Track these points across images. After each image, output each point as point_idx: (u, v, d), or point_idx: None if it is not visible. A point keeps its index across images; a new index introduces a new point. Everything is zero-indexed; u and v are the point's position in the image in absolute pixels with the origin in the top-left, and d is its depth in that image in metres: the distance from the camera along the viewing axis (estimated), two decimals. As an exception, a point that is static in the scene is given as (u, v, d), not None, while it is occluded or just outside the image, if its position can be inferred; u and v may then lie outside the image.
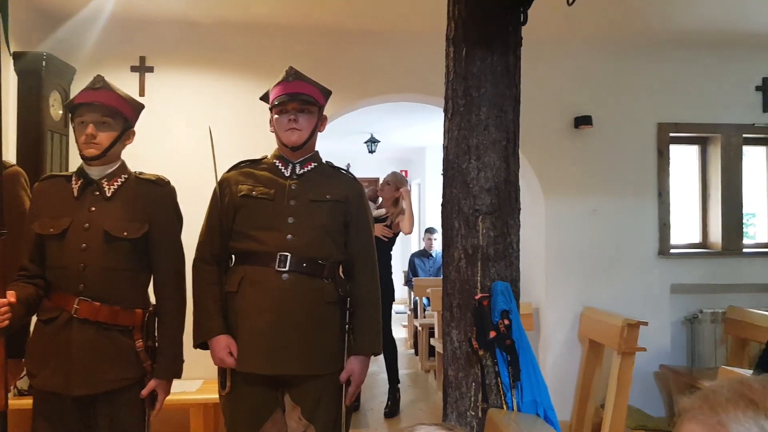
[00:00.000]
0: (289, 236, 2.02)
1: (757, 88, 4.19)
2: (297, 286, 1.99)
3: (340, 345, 2.07)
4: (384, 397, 4.51)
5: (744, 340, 3.82)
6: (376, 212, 4.44)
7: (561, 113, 4.02)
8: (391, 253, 4.44)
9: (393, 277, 4.44)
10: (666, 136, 4.12)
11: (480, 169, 2.06)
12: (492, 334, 1.87)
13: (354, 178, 2.25)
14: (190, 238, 2.15)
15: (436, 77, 2.52)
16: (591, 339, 3.79)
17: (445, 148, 2.19)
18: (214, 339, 2.02)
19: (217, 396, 2.14)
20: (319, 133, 2.21)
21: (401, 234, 4.44)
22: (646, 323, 3.35)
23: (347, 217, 2.12)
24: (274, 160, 2.17)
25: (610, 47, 4.06)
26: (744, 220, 4.28)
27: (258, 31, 3.78)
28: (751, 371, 2.06)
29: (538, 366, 1.95)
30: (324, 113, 2.23)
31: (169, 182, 2.11)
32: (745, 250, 4.22)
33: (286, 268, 1.99)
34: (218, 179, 2.15)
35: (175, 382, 2.10)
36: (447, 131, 2.18)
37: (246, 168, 2.17)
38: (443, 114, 2.22)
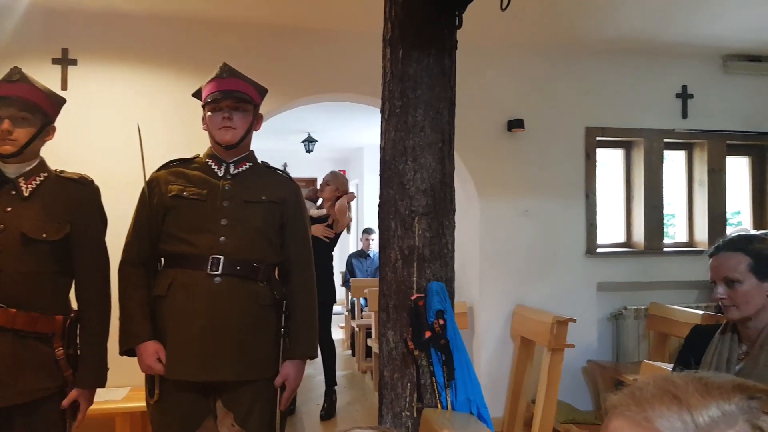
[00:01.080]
0: (222, 238, 1.96)
1: (677, 96, 4.43)
2: (230, 289, 1.94)
3: (274, 349, 2.04)
4: (320, 399, 4.47)
5: (665, 335, 4.03)
6: (316, 212, 4.40)
7: (495, 116, 4.12)
8: (332, 254, 4.41)
9: (333, 278, 4.41)
10: (593, 139, 4.29)
11: (416, 171, 2.08)
12: (427, 334, 1.89)
13: (290, 178, 2.22)
14: (115, 239, 2.06)
15: (373, 78, 2.52)
16: (523, 336, 3.90)
17: (382, 149, 2.19)
18: (142, 345, 1.94)
19: (144, 404, 2.05)
20: (254, 132, 2.16)
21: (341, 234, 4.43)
22: (574, 320, 3.48)
23: (283, 218, 2.09)
24: (207, 160, 2.10)
25: (542, 53, 4.19)
26: (665, 221, 4.51)
27: (190, 25, 3.66)
28: (671, 365, 2.16)
29: (472, 364, 1.99)
30: (260, 111, 2.18)
31: (92, 181, 2.00)
32: (665, 249, 4.45)
33: (219, 272, 1.93)
34: (147, 179, 2.06)
35: (100, 391, 2.00)
36: (384, 132, 2.18)
37: (177, 167, 2.09)
38: (380, 115, 2.22)
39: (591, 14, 3.66)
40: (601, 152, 4.40)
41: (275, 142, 8.32)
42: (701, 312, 3.82)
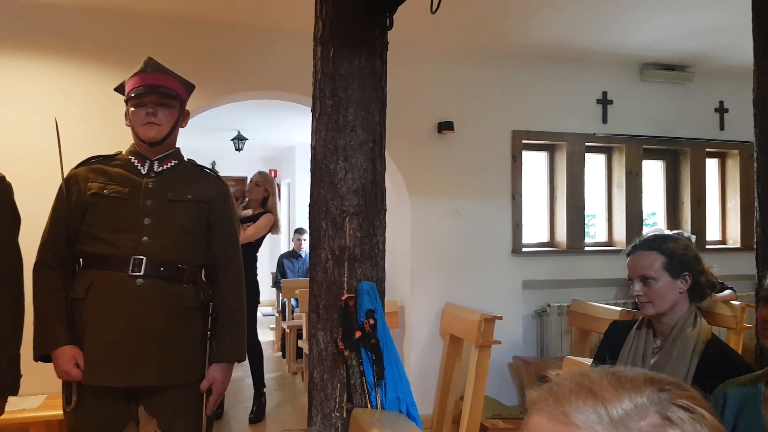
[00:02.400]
0: (145, 238, 1.89)
1: (598, 101, 4.64)
2: (153, 291, 1.87)
3: (200, 352, 1.98)
4: (249, 402, 4.39)
5: (586, 331, 4.22)
6: (242, 213, 4.31)
7: (425, 118, 4.17)
8: (257, 254, 4.33)
9: (259, 278, 4.33)
10: (519, 142, 4.43)
11: (347, 170, 2.07)
12: (357, 334, 1.89)
13: (218, 176, 2.16)
14: (29, 239, 1.94)
15: (305, 76, 2.50)
16: (451, 334, 3.98)
17: (313, 148, 2.17)
18: (58, 350, 1.84)
19: (61, 412, 1.95)
20: (180, 129, 2.10)
21: (269, 235, 4.35)
22: (500, 317, 3.58)
23: (210, 218, 2.03)
24: (130, 157, 2.02)
25: (471, 58, 4.29)
26: (586, 221, 4.72)
27: (115, 16, 3.50)
28: (591, 360, 2.26)
29: (402, 363, 2.00)
30: (186, 108, 2.11)
31: (4, 177, 1.88)
32: (586, 248, 4.65)
33: (141, 273, 1.86)
34: (65, 176, 1.96)
35: (14, 399, 1.89)
36: (315, 131, 2.17)
37: (97, 164, 2.00)
38: (311, 114, 2.21)
39: (517, 21, 3.77)
40: (526, 155, 4.55)
41: (204, 140, 8.09)
42: (619, 308, 4.03)
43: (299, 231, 6.77)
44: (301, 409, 4.40)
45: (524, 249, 4.44)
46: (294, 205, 8.98)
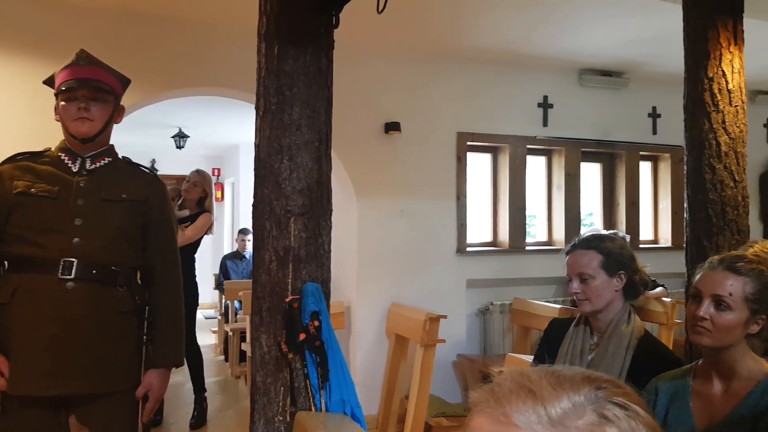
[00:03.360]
0: (76, 240, 1.80)
1: (539, 105, 4.76)
2: (85, 295, 1.79)
3: (136, 358, 1.90)
4: (190, 407, 4.27)
5: (527, 329, 4.32)
6: (179, 213, 4.17)
7: (372, 118, 4.17)
8: (195, 256, 4.21)
9: (198, 280, 4.22)
10: (464, 144, 4.49)
11: (292, 170, 2.04)
12: (302, 336, 1.86)
13: (155, 175, 2.09)
14: (-54, 241, 1.81)
15: (248, 73, 2.44)
16: (397, 334, 3.99)
17: (257, 146, 2.13)
18: (-20, 359, 1.72)
19: (-17, 424, 1.83)
20: (116, 126, 2.01)
21: (210, 235, 4.25)
22: (445, 316, 3.62)
23: (147, 218, 1.96)
24: (60, 154, 1.92)
25: (418, 59, 4.31)
26: (527, 222, 4.84)
27: (45, 5, 3.33)
28: (531, 357, 2.31)
29: (347, 365, 1.99)
30: (122, 103, 2.03)
31: None
32: (528, 248, 4.77)
33: (72, 276, 1.77)
34: (-13, 173, 1.84)
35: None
36: (259, 129, 2.12)
37: (24, 161, 1.89)
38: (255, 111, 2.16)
39: (462, 24, 3.82)
40: (471, 156, 4.61)
41: (143, 137, 7.82)
42: (558, 306, 4.15)
43: (243, 231, 6.64)
44: (244, 414, 4.31)
45: (468, 249, 4.51)
46: (238, 205, 8.80)
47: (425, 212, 4.33)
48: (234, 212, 8.95)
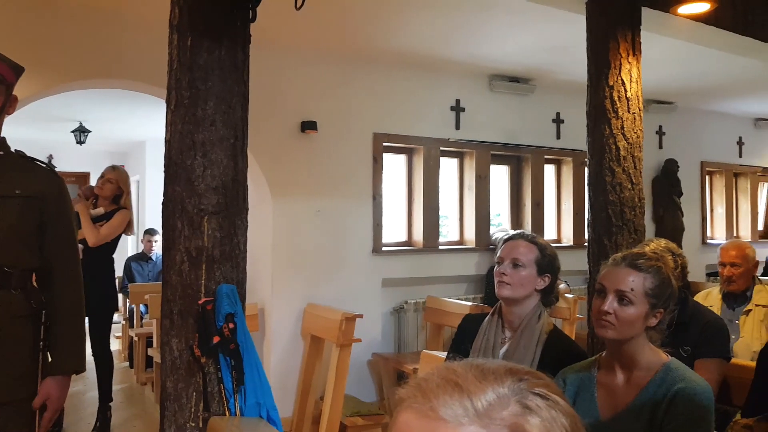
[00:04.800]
0: (-37, 239, 1.64)
1: (452, 108, 4.88)
2: (-27, 299, 1.63)
3: (31, 365, 1.76)
4: (93, 417, 4.02)
5: (440, 326, 4.41)
6: (93, 212, 3.91)
7: (289, 116, 4.11)
8: (113, 256, 3.98)
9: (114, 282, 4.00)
10: (380, 145, 4.53)
11: (206, 167, 1.97)
12: (216, 339, 1.80)
13: (53, 170, 1.94)
14: None
15: (158, 65, 2.33)
16: (313, 334, 3.96)
17: (168, 142, 2.04)
18: None
19: None
20: (7, 117, 1.85)
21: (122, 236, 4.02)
22: (361, 316, 3.63)
23: (43, 216, 1.82)
24: (-57, 145, 1.74)
25: (336, 58, 4.30)
26: (440, 222, 4.95)
27: None
28: (445, 353, 2.36)
29: (262, 367, 1.95)
30: (15, 93, 1.87)
31: None
32: (440, 247, 4.88)
33: (-41, 278, 1.61)
34: None
35: None
36: (170, 124, 2.03)
37: None
38: (166, 105, 2.06)
39: (380, 26, 3.85)
40: (387, 157, 4.66)
41: (39, 131, 7.28)
42: (470, 303, 4.28)
43: (149, 232, 6.33)
44: (152, 422, 4.11)
45: (384, 248, 4.55)
46: (144, 204, 8.38)
47: (341, 212, 4.32)
48: (139, 212, 8.51)
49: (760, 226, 7.51)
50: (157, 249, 6.13)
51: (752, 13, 3.69)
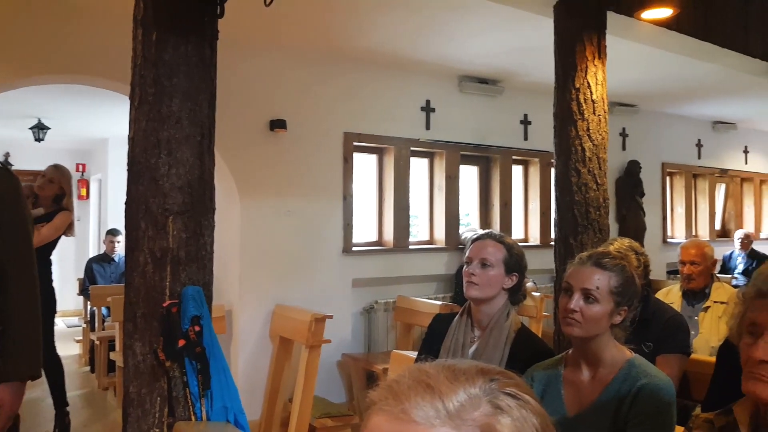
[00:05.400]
0: None
1: (422, 108, 4.90)
2: None
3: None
4: (51, 424, 3.90)
5: (409, 325, 4.42)
6: (33, 212, 3.77)
7: (257, 115, 4.06)
8: (51, 258, 3.84)
9: (58, 285, 3.86)
10: (350, 144, 4.51)
11: (171, 165, 1.93)
12: (181, 342, 1.76)
13: (7, 169, 1.87)
14: None
15: (122, 60, 2.27)
16: (281, 336, 3.92)
17: (131, 140, 1.99)
18: None
19: None
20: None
21: (73, 237, 3.90)
22: (331, 316, 3.60)
23: None
24: None
25: (306, 56, 4.26)
26: (410, 221, 4.96)
27: None
28: (416, 352, 2.37)
29: (229, 370, 1.91)
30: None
31: None
32: (411, 246, 4.89)
33: None
34: None
35: None
36: (134, 121, 1.98)
37: None
38: (129, 102, 2.01)
39: (351, 25, 3.83)
40: (357, 156, 4.64)
41: (-6, 127, 7.04)
42: (440, 303, 4.29)
43: (112, 232, 6.17)
44: (113, 428, 4.01)
45: (354, 248, 4.53)
46: (106, 204, 8.17)
47: (312, 212, 4.29)
48: (101, 212, 8.30)
49: (718, 226, 7.75)
50: (120, 250, 5.99)
51: (712, 20, 3.80)
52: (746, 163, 7.87)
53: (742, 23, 4.06)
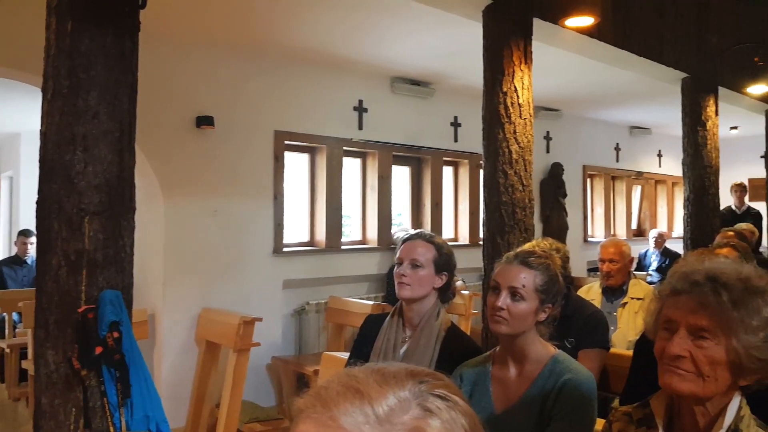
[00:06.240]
0: None
1: (355, 108, 4.89)
2: None
3: None
4: (-46, 440, 3.62)
5: (341, 326, 4.40)
6: None
7: (182, 111, 3.91)
8: None
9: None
10: (282, 143, 4.43)
11: (88, 163, 1.82)
12: (98, 350, 1.67)
13: None
14: None
15: (34, 50, 2.13)
16: (208, 340, 3.80)
17: (44, 135, 1.87)
18: None
19: None
20: None
21: None
22: (260, 319, 3.53)
23: None
24: None
25: (236, 52, 4.15)
26: (343, 221, 4.94)
27: None
28: (347, 353, 2.35)
29: (151, 377, 1.83)
30: None
31: None
32: (343, 246, 4.87)
33: None
34: None
35: None
36: (47, 115, 1.87)
37: None
38: (42, 95, 1.89)
39: (283, 21, 3.76)
40: (289, 155, 4.57)
41: None
42: (371, 302, 4.30)
43: (24, 233, 5.80)
44: (26, 441, 3.77)
45: (285, 249, 4.46)
46: (18, 204, 7.67)
47: (241, 212, 4.18)
48: (12, 211, 7.79)
49: (634, 225, 8.19)
50: (33, 252, 5.63)
51: (630, 29, 4.00)
52: (660, 166, 8.37)
53: (657, 34, 4.30)
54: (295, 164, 4.79)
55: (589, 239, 7.18)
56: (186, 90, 3.93)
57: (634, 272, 3.44)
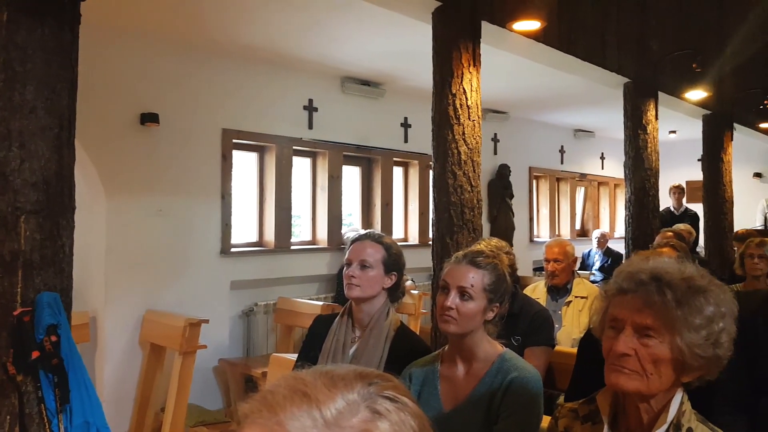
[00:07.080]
0: None
1: (305, 108, 4.85)
2: None
3: None
4: None
5: (290, 327, 4.36)
6: None
7: (126, 107, 3.79)
8: None
9: None
10: (230, 141, 4.36)
11: (24, 160, 1.74)
12: (35, 354, 1.60)
13: None
14: None
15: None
16: (152, 343, 3.71)
17: (-24, 130, 1.77)
18: None
19: None
20: None
21: None
22: (207, 321, 3.46)
23: None
24: None
25: (181, 49, 4.05)
26: (292, 221, 4.89)
27: None
28: (295, 355, 2.33)
29: (91, 382, 1.77)
30: None
31: None
32: (293, 247, 4.82)
33: None
34: None
35: None
36: (-22, 110, 1.77)
37: None
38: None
39: (231, 18, 3.69)
40: (237, 154, 4.50)
41: None
42: (321, 303, 4.28)
43: (-46, 232, 5.50)
44: (-46, 452, 3.56)
45: (233, 249, 4.39)
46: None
47: (186, 212, 4.08)
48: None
49: (578, 226, 8.45)
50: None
51: (574, 34, 4.12)
52: (603, 168, 8.66)
53: (601, 39, 4.45)
54: (244, 163, 4.71)
55: (535, 239, 7.36)
56: (130, 86, 3.81)
57: (578, 271, 3.54)
